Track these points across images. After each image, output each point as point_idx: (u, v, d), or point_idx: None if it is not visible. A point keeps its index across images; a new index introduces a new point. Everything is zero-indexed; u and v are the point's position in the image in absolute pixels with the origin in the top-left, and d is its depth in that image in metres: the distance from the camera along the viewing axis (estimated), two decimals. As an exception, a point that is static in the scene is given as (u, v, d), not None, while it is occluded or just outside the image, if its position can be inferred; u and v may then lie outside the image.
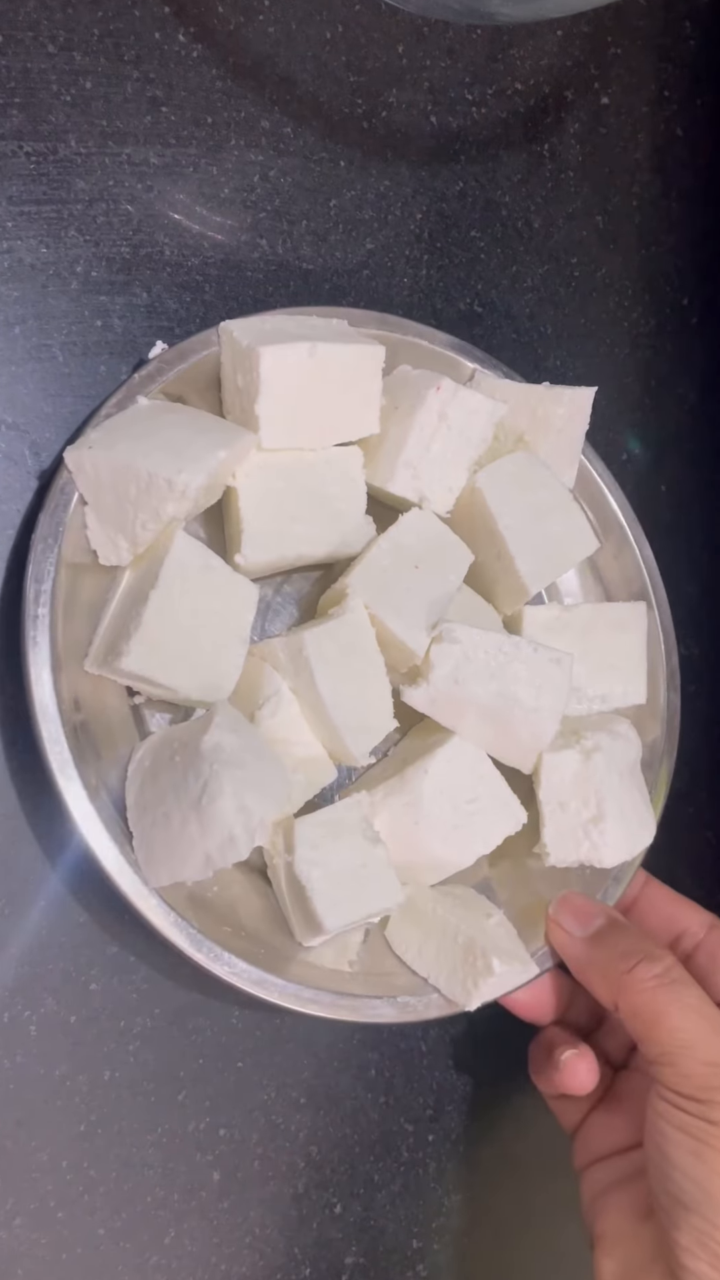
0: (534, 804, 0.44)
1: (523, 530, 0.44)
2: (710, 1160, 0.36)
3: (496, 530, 0.44)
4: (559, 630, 0.46)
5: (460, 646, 0.40)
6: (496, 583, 0.45)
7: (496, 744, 0.42)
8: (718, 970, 0.44)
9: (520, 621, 0.46)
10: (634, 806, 0.44)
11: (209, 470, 0.37)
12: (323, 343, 0.39)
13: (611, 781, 0.43)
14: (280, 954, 0.39)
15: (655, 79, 0.55)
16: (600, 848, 0.43)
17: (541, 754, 0.43)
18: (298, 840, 0.38)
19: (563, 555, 0.45)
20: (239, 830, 0.35)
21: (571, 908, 0.43)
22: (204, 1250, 0.43)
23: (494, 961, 0.39)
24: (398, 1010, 0.41)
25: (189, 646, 0.38)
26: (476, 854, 0.42)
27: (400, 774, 0.41)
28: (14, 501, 0.40)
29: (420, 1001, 0.41)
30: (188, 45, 0.43)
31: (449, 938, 0.41)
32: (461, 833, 0.42)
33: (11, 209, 0.40)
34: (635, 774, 0.45)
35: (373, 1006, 0.40)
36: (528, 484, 0.45)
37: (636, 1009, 0.39)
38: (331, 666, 0.39)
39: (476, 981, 0.40)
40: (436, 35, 0.48)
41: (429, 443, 0.42)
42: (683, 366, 0.56)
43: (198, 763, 0.35)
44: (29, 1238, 0.40)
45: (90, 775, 0.37)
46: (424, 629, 0.41)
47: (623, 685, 0.47)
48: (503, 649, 0.40)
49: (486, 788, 0.42)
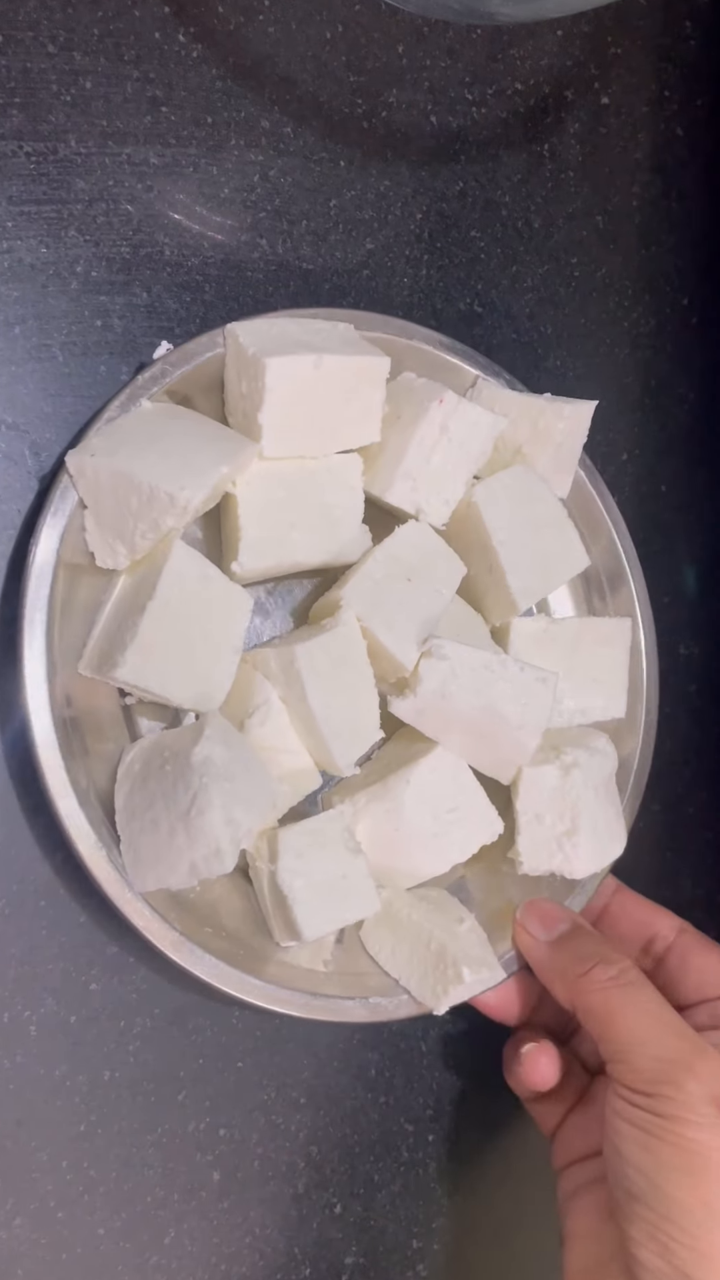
0: (510, 811, 0.44)
1: (516, 547, 0.45)
2: (658, 1153, 0.37)
3: (491, 545, 0.44)
4: (546, 643, 0.47)
5: (449, 663, 0.41)
6: (487, 594, 0.46)
7: (478, 756, 0.43)
8: (688, 971, 0.45)
9: (508, 633, 0.46)
10: (607, 821, 0.45)
11: (211, 485, 0.38)
12: (329, 354, 0.39)
13: (587, 797, 0.44)
14: (258, 954, 0.40)
15: (655, 79, 0.55)
16: (572, 859, 0.44)
17: (521, 767, 0.44)
18: (281, 850, 0.39)
19: (554, 572, 0.46)
20: (226, 844, 0.35)
21: (538, 913, 0.44)
22: (204, 1250, 0.43)
23: (464, 970, 0.41)
24: (369, 1011, 0.42)
25: (183, 656, 0.38)
26: (452, 862, 0.43)
27: (383, 781, 0.42)
28: (14, 501, 0.40)
29: (391, 1002, 0.42)
30: (188, 45, 0.43)
31: (422, 944, 0.42)
32: (440, 841, 0.42)
33: (11, 209, 0.40)
34: (610, 788, 0.46)
35: (346, 1007, 0.41)
36: (524, 499, 0.45)
37: (591, 1008, 0.40)
38: (323, 679, 0.40)
39: (446, 988, 0.41)
40: (436, 35, 0.48)
41: (429, 455, 0.42)
42: (683, 366, 0.56)
43: (188, 774, 0.36)
44: (29, 1238, 0.40)
45: (80, 776, 0.37)
46: (414, 643, 0.42)
47: (603, 699, 0.48)
48: (490, 667, 0.41)
49: (466, 798, 0.43)
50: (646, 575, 0.50)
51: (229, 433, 0.41)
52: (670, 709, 0.55)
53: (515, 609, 0.45)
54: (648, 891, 0.48)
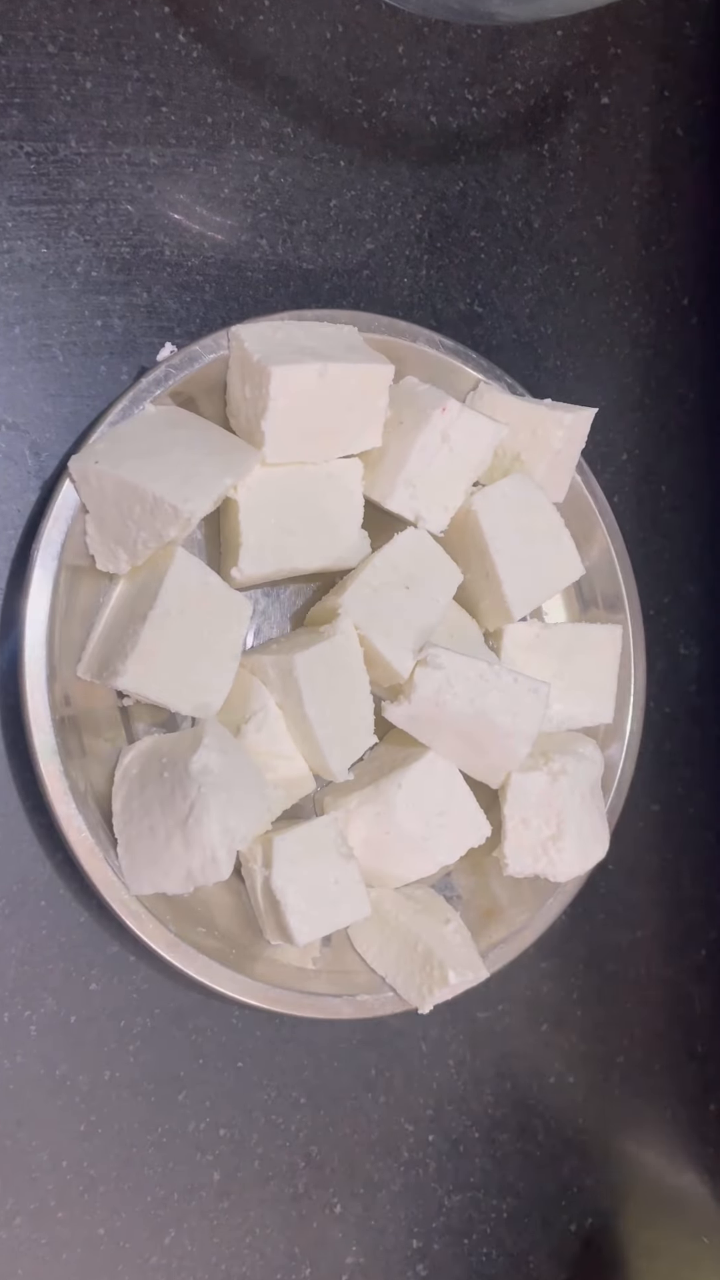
0: (497, 812, 0.45)
1: (513, 555, 0.45)
2: None
3: (488, 553, 0.45)
4: (537, 648, 0.47)
5: (444, 672, 0.41)
6: (482, 600, 0.46)
7: (468, 761, 0.44)
8: None
9: (500, 637, 0.47)
10: (591, 825, 0.46)
11: (215, 497, 0.38)
12: (333, 363, 0.39)
13: (573, 803, 0.45)
14: (249, 953, 0.41)
15: (655, 79, 0.55)
16: (556, 863, 0.45)
17: (510, 773, 0.44)
18: (276, 856, 0.39)
19: (549, 581, 0.47)
20: (222, 852, 0.36)
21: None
22: (204, 1250, 0.43)
23: (449, 973, 0.42)
24: (356, 1008, 0.43)
25: (183, 664, 0.38)
26: (440, 864, 0.44)
27: (375, 784, 0.43)
28: (14, 501, 0.40)
29: (376, 1000, 0.43)
30: (188, 45, 0.43)
31: (409, 945, 0.43)
32: (429, 844, 0.43)
33: (11, 209, 0.40)
34: (596, 794, 0.47)
35: (334, 1004, 0.42)
36: (522, 508, 0.46)
37: None
38: (320, 688, 0.40)
39: (432, 988, 0.42)
40: (436, 35, 0.48)
41: (429, 462, 0.43)
42: (683, 366, 0.56)
43: (186, 782, 0.36)
44: (29, 1238, 0.40)
45: (79, 778, 0.38)
46: (410, 651, 0.42)
47: (592, 705, 0.48)
48: (484, 676, 0.41)
49: (456, 802, 0.43)
50: (646, 576, 0.50)
51: (232, 441, 0.41)
52: (670, 709, 0.55)
53: (510, 617, 0.46)
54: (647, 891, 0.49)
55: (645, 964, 0.54)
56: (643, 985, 0.54)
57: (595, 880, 0.48)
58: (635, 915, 0.54)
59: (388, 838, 0.42)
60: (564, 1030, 0.52)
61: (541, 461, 0.46)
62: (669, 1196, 0.55)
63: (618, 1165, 0.53)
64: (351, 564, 0.43)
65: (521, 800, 0.44)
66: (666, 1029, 0.55)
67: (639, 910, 0.54)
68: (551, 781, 0.44)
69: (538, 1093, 0.48)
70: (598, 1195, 0.53)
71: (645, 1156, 0.55)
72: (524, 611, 0.46)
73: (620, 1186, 0.53)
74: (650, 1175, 0.55)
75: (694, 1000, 0.55)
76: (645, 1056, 0.54)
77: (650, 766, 0.49)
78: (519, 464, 0.46)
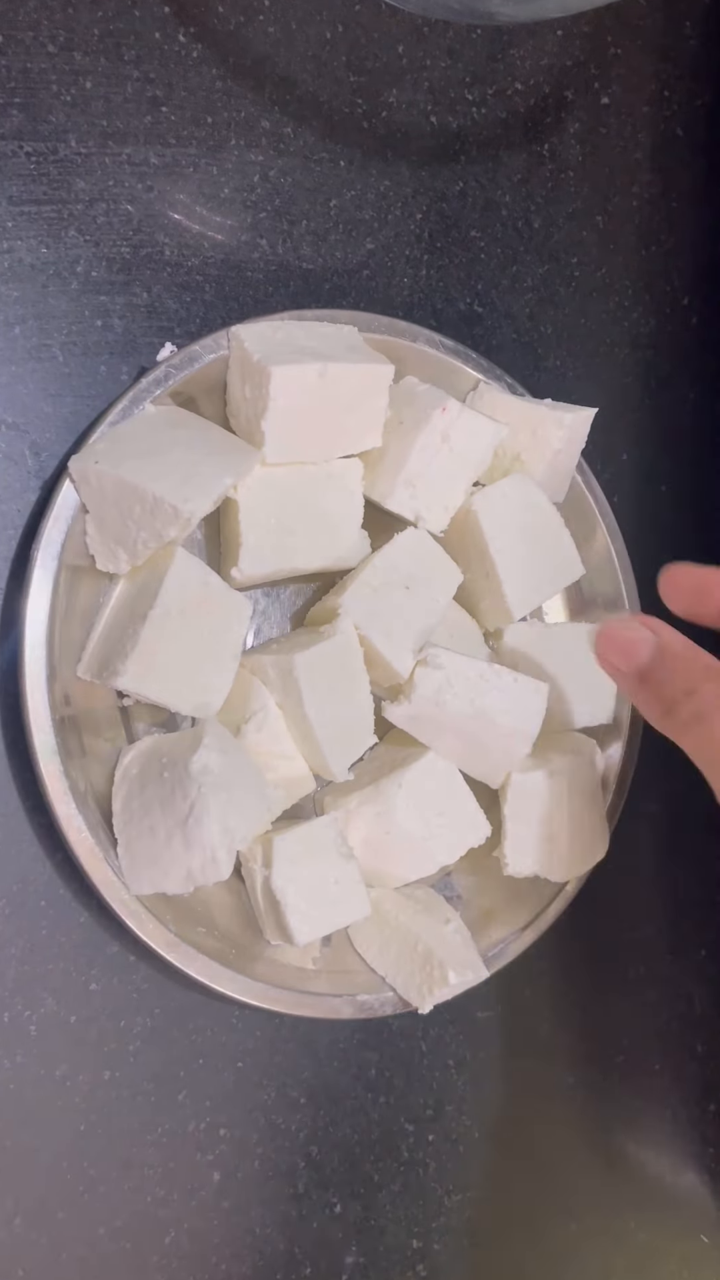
0: (497, 812, 0.45)
1: (513, 556, 0.45)
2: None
3: (488, 554, 0.45)
4: (536, 647, 0.47)
5: (444, 672, 0.41)
6: (482, 600, 0.46)
7: (468, 761, 0.44)
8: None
9: (500, 636, 0.47)
10: (591, 825, 0.46)
11: (215, 497, 0.38)
12: (333, 363, 0.39)
13: (573, 803, 0.45)
14: (249, 953, 0.41)
15: (655, 79, 0.55)
16: (555, 863, 0.45)
17: (510, 773, 0.44)
18: (276, 856, 0.39)
19: (549, 581, 0.47)
20: (222, 852, 0.36)
21: (616, 644, 0.38)
22: (204, 1250, 0.43)
23: (450, 974, 0.42)
24: (356, 1008, 0.43)
25: (184, 664, 0.38)
26: (440, 864, 0.44)
27: (375, 784, 0.43)
28: (14, 501, 0.40)
29: (376, 999, 0.43)
30: (188, 45, 0.43)
31: (409, 945, 0.43)
32: (429, 843, 0.43)
33: (11, 209, 0.40)
34: (595, 794, 0.47)
35: (334, 1004, 0.42)
36: (522, 508, 0.46)
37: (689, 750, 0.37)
38: (320, 689, 0.40)
39: (432, 989, 0.42)
40: (436, 35, 0.48)
41: (429, 462, 0.43)
42: (683, 366, 0.56)
43: (186, 783, 0.36)
44: (29, 1238, 0.40)
45: (79, 778, 0.38)
46: (410, 651, 0.42)
47: (591, 704, 0.48)
48: (484, 676, 0.41)
49: (456, 802, 0.43)
50: (646, 576, 0.50)
51: (233, 441, 0.41)
52: (670, 709, 0.55)
53: (510, 617, 0.46)
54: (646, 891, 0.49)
55: (645, 964, 0.54)
56: (643, 985, 0.54)
57: (595, 880, 0.48)
58: (635, 915, 0.54)
59: (388, 838, 0.43)
60: (564, 1030, 0.52)
61: (541, 461, 0.46)
62: (669, 1196, 0.55)
63: (618, 1165, 0.53)
64: (351, 564, 0.43)
65: (521, 800, 0.44)
66: (666, 1029, 0.55)
67: (639, 910, 0.54)
68: (551, 781, 0.44)
69: (537, 1093, 0.48)
70: (598, 1195, 0.53)
71: (645, 1156, 0.55)
72: (524, 611, 0.46)
73: (620, 1186, 0.53)
74: (650, 1175, 0.55)
75: (694, 1000, 0.55)
76: (645, 1056, 0.54)
77: (650, 766, 0.49)
78: (519, 464, 0.46)
